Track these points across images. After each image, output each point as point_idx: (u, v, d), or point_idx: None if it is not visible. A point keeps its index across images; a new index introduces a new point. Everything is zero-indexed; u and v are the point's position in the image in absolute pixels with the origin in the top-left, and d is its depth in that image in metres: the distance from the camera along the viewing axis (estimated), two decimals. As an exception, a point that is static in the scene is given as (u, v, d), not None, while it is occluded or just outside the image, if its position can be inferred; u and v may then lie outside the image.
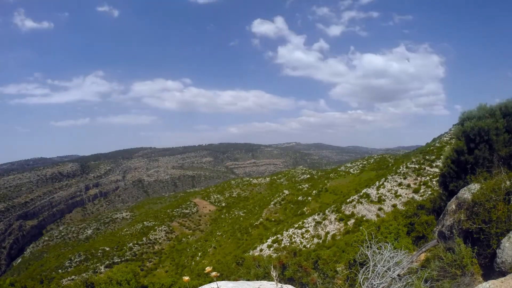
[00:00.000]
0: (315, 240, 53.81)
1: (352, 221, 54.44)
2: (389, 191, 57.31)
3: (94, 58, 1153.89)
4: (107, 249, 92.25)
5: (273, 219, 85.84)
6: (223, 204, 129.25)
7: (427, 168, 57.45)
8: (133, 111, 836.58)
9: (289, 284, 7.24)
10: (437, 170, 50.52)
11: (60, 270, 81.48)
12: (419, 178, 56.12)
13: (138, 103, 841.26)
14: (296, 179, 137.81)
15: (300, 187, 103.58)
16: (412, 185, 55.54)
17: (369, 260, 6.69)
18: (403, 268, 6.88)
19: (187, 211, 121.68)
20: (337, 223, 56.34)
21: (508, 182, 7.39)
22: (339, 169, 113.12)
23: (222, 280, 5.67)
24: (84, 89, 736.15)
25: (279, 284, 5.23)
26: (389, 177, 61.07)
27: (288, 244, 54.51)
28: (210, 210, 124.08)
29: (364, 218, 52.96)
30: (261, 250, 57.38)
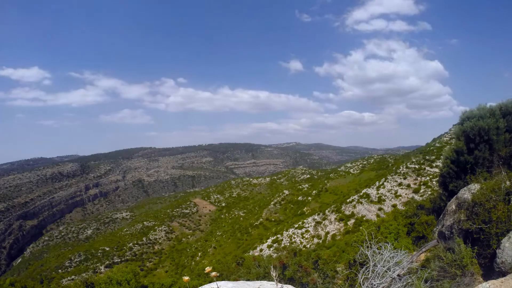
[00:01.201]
0: (315, 240, 53.81)
1: (352, 221, 54.45)
2: (389, 191, 57.31)
3: (92, 59, 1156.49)
4: (107, 249, 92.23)
5: (273, 219, 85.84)
6: (223, 204, 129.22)
7: (427, 168, 57.46)
8: (132, 112, 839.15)
9: (289, 284, 7.24)
10: (437, 170, 50.52)
11: (60, 270, 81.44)
12: (419, 178, 56.14)
13: (138, 104, 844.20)
14: (296, 179, 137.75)
15: (300, 187, 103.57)
16: (412, 185, 55.55)
17: (369, 260, 6.68)
18: (403, 268, 6.88)
19: (187, 211, 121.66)
20: (337, 223, 56.35)
21: (508, 182, 7.39)
22: (339, 169, 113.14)
23: (222, 280, 5.67)
24: (83, 90, 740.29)
25: (279, 284, 5.23)
26: (389, 177, 61.09)
27: (288, 244, 54.50)
28: (210, 210, 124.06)
29: (364, 218, 52.97)
30: (261, 250, 57.38)
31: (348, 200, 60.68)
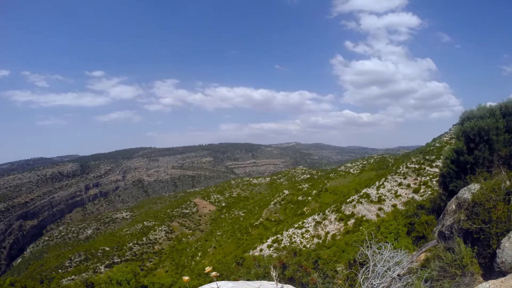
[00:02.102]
0: (315, 240, 53.79)
1: (352, 221, 54.43)
2: (389, 191, 57.30)
3: (92, 59, 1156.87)
4: (107, 249, 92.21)
5: (273, 219, 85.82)
6: (223, 204, 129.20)
7: (427, 168, 57.44)
8: (129, 112, 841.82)
9: (289, 284, 7.23)
10: (437, 170, 50.51)
11: (60, 270, 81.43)
12: (419, 178, 56.11)
13: (133, 105, 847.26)
14: (296, 179, 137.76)
15: (300, 187, 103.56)
16: (412, 185, 55.53)
17: (369, 260, 6.68)
18: (403, 268, 6.88)
19: (187, 211, 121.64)
20: (337, 223, 56.33)
21: (508, 182, 7.39)
22: (339, 169, 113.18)
23: (222, 280, 5.67)
24: (80, 92, 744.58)
25: (279, 284, 5.23)
26: (389, 177, 61.06)
27: (288, 244, 54.49)
28: (210, 210, 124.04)
29: (364, 218, 52.95)
30: (261, 250, 57.38)
31: (348, 200, 60.66)
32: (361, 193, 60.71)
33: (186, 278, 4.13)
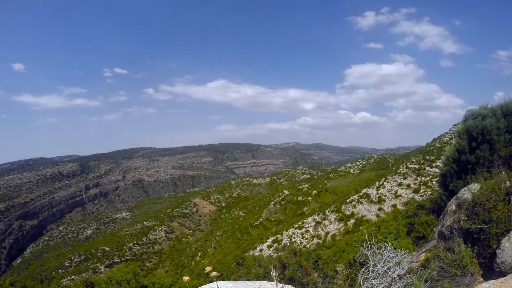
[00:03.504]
0: (315, 240, 53.80)
1: (352, 221, 54.44)
2: (389, 191, 57.30)
3: (89, 59, 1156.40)
4: (107, 249, 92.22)
5: (273, 219, 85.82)
6: (223, 204, 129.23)
7: (427, 168, 57.46)
8: (127, 113, 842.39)
9: (289, 284, 7.24)
10: (437, 170, 50.55)
11: (60, 270, 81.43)
12: (419, 178, 56.13)
13: (130, 105, 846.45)
14: (296, 179, 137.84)
15: (300, 187, 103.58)
16: (412, 185, 55.54)
17: (369, 260, 6.69)
18: (403, 268, 6.88)
19: (187, 211, 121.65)
20: (337, 223, 56.34)
21: (508, 182, 7.39)
22: (339, 169, 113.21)
23: (222, 280, 5.67)
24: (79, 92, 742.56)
25: (279, 284, 5.23)
26: (389, 177, 61.07)
27: (288, 244, 54.49)
28: (210, 210, 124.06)
29: (364, 218, 52.96)
30: (261, 250, 57.37)
31: (348, 200, 60.67)
32: (361, 193, 60.72)
33: (186, 278, 4.13)
